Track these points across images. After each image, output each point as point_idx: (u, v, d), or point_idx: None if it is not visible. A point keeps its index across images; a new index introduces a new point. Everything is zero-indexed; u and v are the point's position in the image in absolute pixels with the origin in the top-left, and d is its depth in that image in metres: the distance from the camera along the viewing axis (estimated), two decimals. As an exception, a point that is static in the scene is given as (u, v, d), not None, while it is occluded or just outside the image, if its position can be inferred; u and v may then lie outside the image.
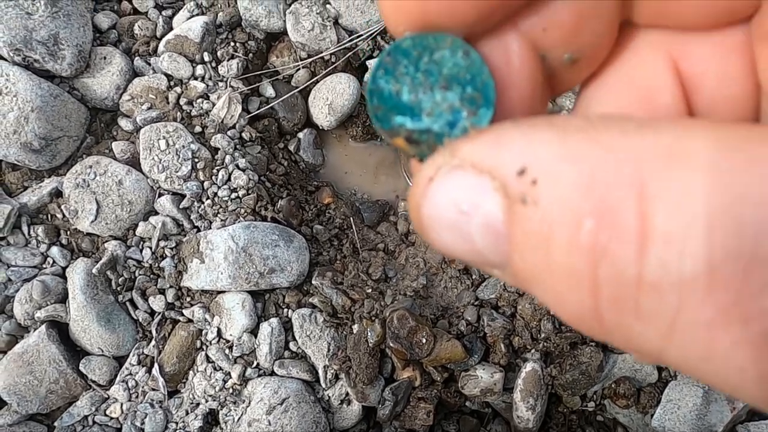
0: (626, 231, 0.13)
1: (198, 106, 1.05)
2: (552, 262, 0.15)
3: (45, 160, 0.97)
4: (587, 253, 0.14)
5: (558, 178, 0.15)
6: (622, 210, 0.14)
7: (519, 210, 0.15)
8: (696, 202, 0.13)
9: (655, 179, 0.13)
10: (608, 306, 0.14)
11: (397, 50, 0.20)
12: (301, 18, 1.08)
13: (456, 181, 0.17)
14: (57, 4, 0.98)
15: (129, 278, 0.97)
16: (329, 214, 1.11)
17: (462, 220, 0.17)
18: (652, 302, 0.13)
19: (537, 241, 0.15)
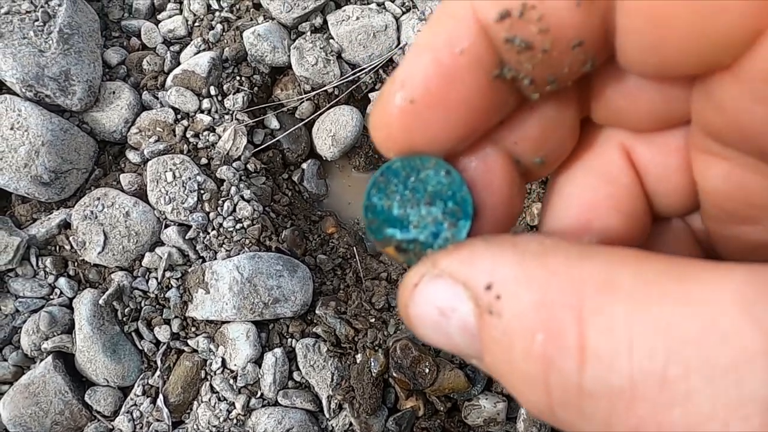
0: (569, 347, 0.16)
1: (204, 139, 1.07)
2: (513, 366, 0.18)
3: (54, 192, 0.99)
4: (539, 362, 0.17)
5: (516, 296, 0.18)
6: (565, 328, 0.16)
7: (487, 318, 0.18)
8: (619, 328, 0.16)
9: (590, 304, 0.16)
10: (559, 406, 0.17)
11: (389, 171, 0.23)
12: (305, 53, 1.11)
13: (436, 288, 0.20)
14: (69, 41, 1.01)
15: (135, 308, 0.98)
16: (333, 244, 1.13)
17: (442, 321, 0.20)
18: (591, 407, 0.16)
19: (501, 347, 0.18)
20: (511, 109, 0.23)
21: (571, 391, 0.16)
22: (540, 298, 0.17)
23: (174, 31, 1.13)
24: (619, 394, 0.15)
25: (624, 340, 0.15)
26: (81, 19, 1.05)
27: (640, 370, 0.15)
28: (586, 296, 0.16)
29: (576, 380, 0.16)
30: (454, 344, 0.20)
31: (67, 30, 1.01)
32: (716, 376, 0.14)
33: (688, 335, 0.15)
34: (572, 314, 0.16)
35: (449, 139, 0.22)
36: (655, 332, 0.15)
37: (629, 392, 0.15)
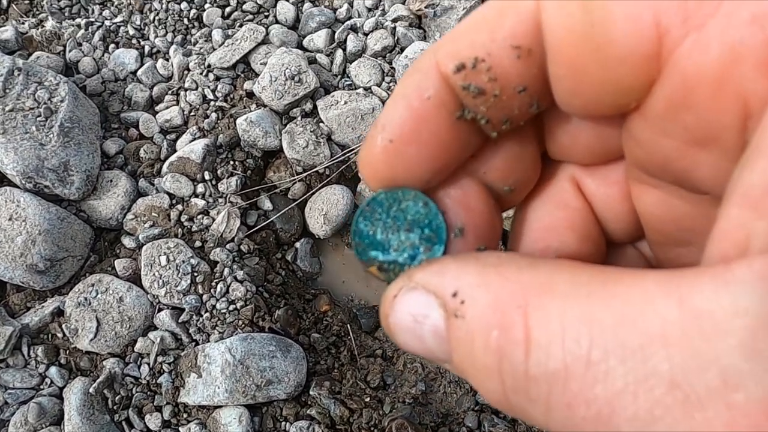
0: (517, 339, 0.19)
1: (198, 222, 1.09)
2: (475, 360, 0.21)
3: (49, 280, 1.00)
4: (495, 354, 0.20)
5: (476, 300, 0.21)
6: (514, 324, 0.20)
7: (453, 321, 0.22)
8: (555, 321, 0.19)
9: (533, 302, 0.20)
10: (511, 392, 0.20)
11: (374, 202, 0.27)
12: (296, 136, 1.15)
13: (411, 299, 0.23)
14: (69, 134, 1.06)
15: (126, 396, 0.97)
16: (327, 322, 1.12)
17: (417, 327, 0.23)
18: (535, 390, 0.19)
19: (465, 345, 0.21)
20: (477, 145, 0.27)
21: (520, 377, 0.19)
22: (494, 300, 0.20)
23: (171, 121, 1.19)
24: (556, 376, 0.18)
25: (558, 331, 0.18)
26: (82, 113, 1.10)
27: (570, 355, 0.18)
28: (531, 297, 0.20)
29: (523, 368, 0.19)
30: (427, 348, 0.23)
31: (67, 124, 1.06)
32: (627, 356, 0.17)
33: (607, 324, 0.18)
34: (519, 312, 0.20)
35: (425, 171, 0.26)
36: (581, 323, 0.18)
37: (563, 374, 0.18)
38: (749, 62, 0.18)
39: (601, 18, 0.20)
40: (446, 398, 1.03)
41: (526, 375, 0.19)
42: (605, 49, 0.20)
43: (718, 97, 0.19)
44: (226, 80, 1.22)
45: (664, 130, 0.22)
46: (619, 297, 0.18)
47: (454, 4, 1.25)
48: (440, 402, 1.03)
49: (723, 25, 0.19)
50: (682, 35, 0.19)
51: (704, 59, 0.19)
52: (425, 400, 1.02)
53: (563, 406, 0.18)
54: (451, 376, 1.04)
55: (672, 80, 0.20)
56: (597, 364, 0.18)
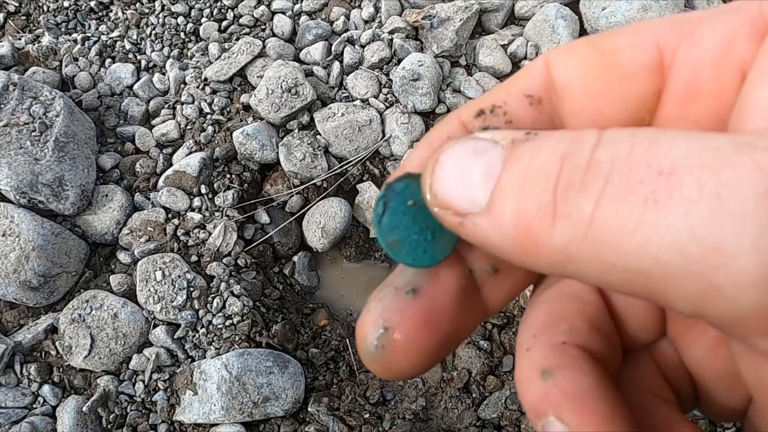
0: (589, 140, 0.20)
1: (195, 236, 1.08)
2: (532, 166, 0.20)
3: (43, 297, 0.98)
4: (560, 154, 0.20)
5: (551, 132, 0.21)
6: (587, 133, 0.20)
7: (520, 144, 0.21)
8: (627, 134, 0.19)
9: (607, 132, 0.20)
10: (562, 189, 0.19)
11: (393, 194, 0.25)
12: (293, 149, 1.14)
13: (477, 142, 0.22)
14: (64, 149, 1.05)
15: (120, 414, 0.95)
16: (325, 337, 1.10)
17: (471, 160, 0.22)
18: (594, 171, 0.19)
19: (527, 156, 0.20)
20: None
21: (582, 165, 0.19)
22: (568, 134, 0.20)
23: (167, 135, 1.18)
24: (620, 153, 0.18)
25: (629, 132, 0.19)
26: (77, 127, 1.10)
27: (638, 137, 0.19)
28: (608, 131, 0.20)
29: (587, 158, 0.19)
30: (469, 183, 0.21)
31: (63, 138, 1.05)
32: (692, 136, 0.18)
33: (674, 133, 0.19)
34: (594, 130, 0.20)
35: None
36: (657, 134, 0.19)
37: (628, 150, 0.18)
38: (742, 37, 0.21)
39: (608, 48, 0.23)
40: (447, 414, 1.01)
41: (589, 163, 0.19)
42: (617, 69, 0.23)
43: (720, 75, 0.21)
44: (223, 93, 1.22)
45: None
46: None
47: (451, 16, 1.25)
48: (441, 418, 1.01)
49: (710, 24, 0.22)
50: (678, 43, 0.22)
51: (701, 49, 0.22)
52: (426, 416, 1.00)
53: (623, 174, 0.18)
54: (452, 391, 1.02)
55: (677, 78, 0.23)
56: (660, 139, 0.18)
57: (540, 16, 1.26)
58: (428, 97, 1.18)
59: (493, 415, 0.97)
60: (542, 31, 1.26)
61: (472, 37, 1.30)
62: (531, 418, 0.23)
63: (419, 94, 1.18)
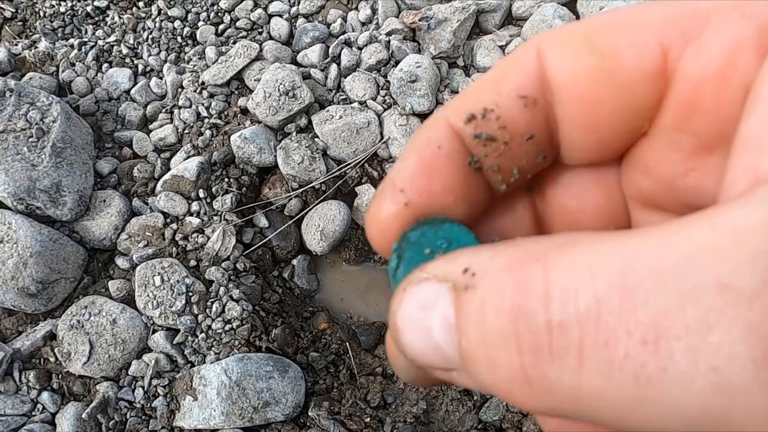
0: (535, 291, 0.18)
1: (193, 241, 1.08)
2: (485, 329, 0.19)
3: (41, 303, 0.98)
4: (509, 313, 0.18)
5: (489, 268, 0.19)
6: (531, 277, 0.18)
7: (463, 296, 0.20)
8: (580, 261, 0.17)
9: (553, 255, 0.18)
10: (529, 358, 0.18)
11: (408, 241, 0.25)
12: (291, 152, 1.14)
13: (422, 289, 0.21)
14: (61, 154, 1.05)
15: (120, 421, 0.94)
16: (325, 340, 1.10)
17: (424, 317, 0.21)
18: (561, 341, 0.17)
19: (475, 318, 0.19)
20: (484, 203, 0.26)
21: (540, 331, 0.17)
22: (508, 262, 0.19)
23: (165, 139, 1.18)
24: (587, 315, 0.16)
25: (585, 268, 0.17)
26: (74, 133, 1.09)
27: (603, 288, 0.16)
28: (550, 251, 0.18)
29: (544, 318, 0.17)
30: (434, 344, 0.21)
31: (60, 144, 1.05)
32: (667, 276, 0.16)
33: (640, 253, 0.17)
34: (538, 265, 0.18)
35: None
36: (611, 259, 0.17)
37: (595, 310, 0.16)
38: (748, 49, 0.19)
39: (608, 49, 0.21)
40: (448, 417, 1.00)
41: (548, 326, 0.17)
42: (617, 75, 0.21)
43: (723, 89, 0.20)
44: (220, 97, 1.21)
45: (674, 143, 0.22)
46: (649, 235, 0.17)
47: (448, 17, 1.24)
48: (442, 421, 1.00)
49: (717, 29, 0.20)
50: (683, 47, 0.21)
51: (706, 59, 0.20)
52: (427, 419, 1.00)
53: (600, 346, 0.16)
54: (453, 393, 1.02)
55: (679, 87, 0.21)
56: (633, 290, 0.16)
57: (537, 17, 1.26)
58: (426, 99, 1.17)
59: (494, 417, 0.96)
60: (540, 32, 1.25)
61: (470, 38, 1.30)
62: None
63: (417, 95, 1.17)
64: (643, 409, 0.16)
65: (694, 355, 0.15)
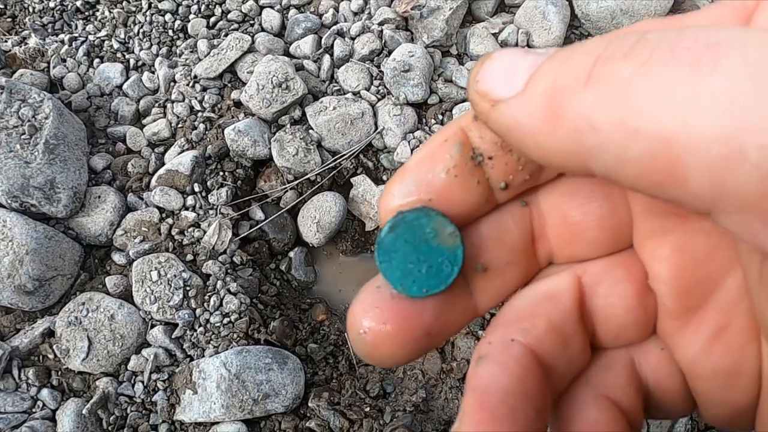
0: (636, 29, 0.20)
1: (189, 235, 1.08)
2: (574, 52, 0.20)
3: (38, 300, 0.98)
4: (607, 40, 0.20)
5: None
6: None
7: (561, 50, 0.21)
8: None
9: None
10: (603, 61, 0.19)
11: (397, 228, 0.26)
12: (286, 144, 1.14)
13: (513, 50, 0.23)
14: (54, 151, 1.04)
15: (120, 416, 0.94)
16: (324, 332, 1.10)
17: (521, 57, 0.22)
18: (639, 49, 0.18)
19: (574, 46, 0.20)
20: (482, 204, 0.26)
21: (628, 42, 0.19)
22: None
23: (158, 134, 1.17)
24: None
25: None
26: (67, 129, 1.09)
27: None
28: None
29: (638, 34, 0.19)
30: (510, 84, 0.22)
31: (53, 141, 1.04)
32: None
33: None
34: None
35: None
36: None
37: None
38: (726, 21, 0.21)
39: None
40: (448, 405, 1.01)
41: (639, 39, 0.19)
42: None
43: None
44: (213, 90, 1.21)
45: None
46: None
47: (441, 5, 1.24)
48: (442, 409, 1.01)
49: (697, 15, 0.23)
50: None
51: None
52: (426, 407, 1.00)
53: (670, 46, 0.18)
54: (452, 382, 1.02)
55: None
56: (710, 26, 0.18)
57: (530, 3, 1.25)
58: (420, 88, 1.17)
59: (493, 404, 0.97)
60: (533, 18, 1.25)
61: (463, 26, 1.29)
62: None
63: (411, 85, 1.17)
64: (679, 94, 0.17)
65: (746, 59, 0.16)
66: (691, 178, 0.17)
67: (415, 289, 0.25)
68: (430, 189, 0.25)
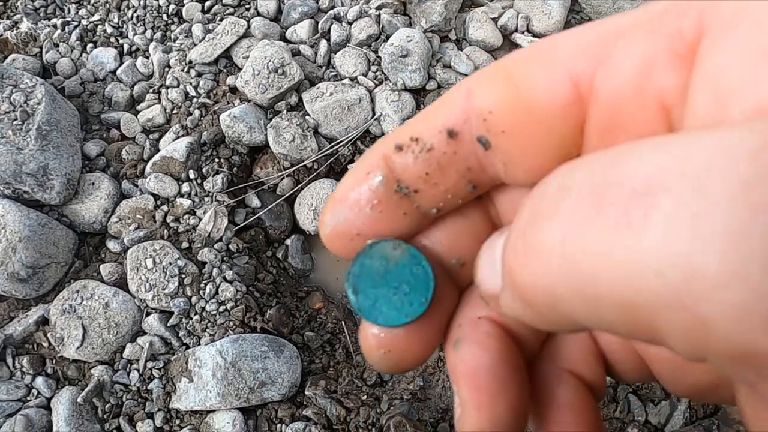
0: (556, 174, 0.20)
1: (185, 223, 1.06)
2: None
3: (32, 288, 0.97)
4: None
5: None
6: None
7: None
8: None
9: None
10: (530, 224, 0.19)
11: (363, 265, 0.26)
12: (282, 131, 1.12)
13: (494, 238, 0.24)
14: (47, 137, 1.03)
15: (116, 404, 0.94)
16: (320, 320, 1.10)
17: (495, 245, 0.24)
18: (559, 203, 0.18)
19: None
20: (419, 222, 0.26)
21: (549, 192, 0.19)
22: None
23: (153, 120, 1.16)
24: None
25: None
26: (60, 115, 1.07)
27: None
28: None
29: (557, 180, 0.19)
30: (495, 281, 0.23)
31: (45, 127, 1.03)
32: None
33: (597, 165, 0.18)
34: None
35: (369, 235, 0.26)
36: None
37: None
38: (660, 62, 0.19)
39: (523, 83, 0.22)
40: (445, 393, 1.00)
41: (559, 187, 0.19)
42: (532, 108, 0.22)
43: (641, 103, 0.20)
44: (208, 76, 1.19)
45: None
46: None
47: (439, -11, 1.21)
48: (439, 397, 1.00)
49: (625, 49, 0.20)
50: (592, 72, 0.21)
51: (618, 80, 0.20)
52: (423, 395, 1.00)
53: (592, 198, 0.17)
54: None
55: (597, 110, 0.21)
56: (633, 152, 0.17)
57: (530, -13, 1.23)
58: (418, 74, 1.15)
59: (491, 392, 0.97)
60: (532, 2, 1.23)
61: (462, 10, 1.27)
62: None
63: (409, 70, 1.15)
64: (618, 257, 0.15)
65: (680, 203, 0.14)
66: (670, 343, 0.15)
67: (394, 316, 0.25)
68: (358, 223, 0.25)
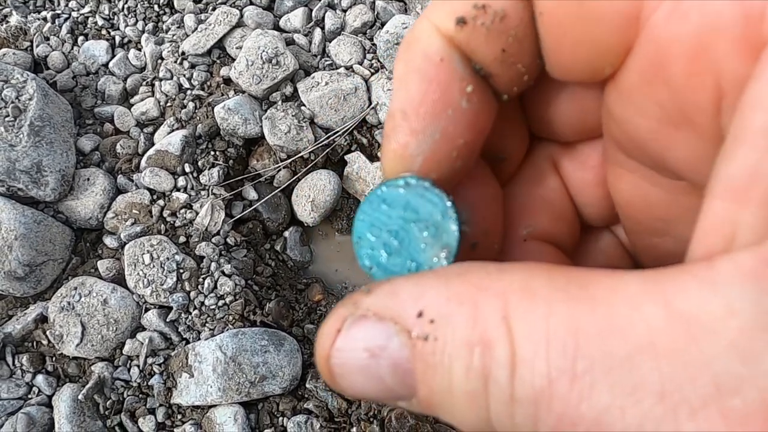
0: (502, 356, 0.17)
1: (181, 217, 1.06)
2: (454, 387, 0.18)
3: (30, 286, 0.96)
4: (480, 376, 0.17)
5: (450, 316, 0.18)
6: (497, 339, 0.17)
7: (421, 346, 0.18)
8: (539, 330, 0.17)
9: (514, 312, 0.17)
10: (496, 419, 0.18)
11: (378, 198, 0.24)
12: (277, 122, 1.11)
13: (362, 330, 0.19)
14: (40, 133, 1.02)
15: (117, 400, 0.94)
16: (320, 312, 1.09)
17: (372, 363, 0.19)
18: (521, 412, 0.17)
19: (440, 371, 0.18)
20: (491, 117, 0.24)
21: (505, 400, 0.17)
22: (472, 312, 0.18)
23: (147, 113, 1.14)
24: (541, 394, 0.16)
25: (543, 341, 0.17)
26: (52, 110, 1.06)
27: (555, 369, 0.16)
28: (511, 305, 0.17)
29: (509, 391, 0.17)
30: (384, 387, 0.20)
31: (38, 122, 1.02)
32: (614, 368, 0.16)
33: (592, 332, 0.16)
34: (502, 324, 0.17)
35: (453, 151, 0.23)
36: (567, 331, 0.16)
37: (548, 391, 0.16)
38: (726, 36, 0.17)
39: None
40: (446, 383, 1.00)
41: (512, 398, 0.17)
42: (586, 6, 0.20)
43: (693, 72, 0.18)
44: (202, 67, 1.17)
45: (639, 107, 0.21)
46: (602, 302, 0.17)
47: (435, -26, 1.19)
48: (440, 387, 1.00)
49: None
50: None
51: (680, 29, 0.18)
52: (425, 386, 1.00)
53: (550, 427, 0.17)
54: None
55: (646, 49, 0.19)
56: (582, 378, 0.16)
57: (527, -30, 1.21)
58: (414, 61, 1.14)
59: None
60: (530, -14, 1.21)
61: (458, -5, 1.25)
62: None
63: (405, 58, 1.14)
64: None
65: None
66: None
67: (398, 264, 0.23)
68: (460, 128, 0.22)
